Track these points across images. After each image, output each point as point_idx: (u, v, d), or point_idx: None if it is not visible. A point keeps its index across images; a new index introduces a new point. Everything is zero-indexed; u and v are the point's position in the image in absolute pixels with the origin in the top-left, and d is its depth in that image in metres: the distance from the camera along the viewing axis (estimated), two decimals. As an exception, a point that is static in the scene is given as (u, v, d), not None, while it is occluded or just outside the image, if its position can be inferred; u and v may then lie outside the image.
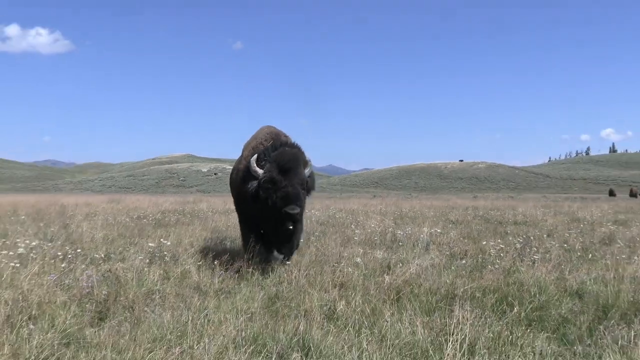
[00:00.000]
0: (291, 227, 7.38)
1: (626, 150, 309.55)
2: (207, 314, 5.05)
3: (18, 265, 6.48)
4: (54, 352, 3.84)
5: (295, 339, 4.43)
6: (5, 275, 5.85)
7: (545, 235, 12.64)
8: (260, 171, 7.49)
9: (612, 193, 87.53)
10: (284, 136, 8.60)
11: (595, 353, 4.29)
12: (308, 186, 7.78)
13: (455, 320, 4.36)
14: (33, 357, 3.72)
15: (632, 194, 72.53)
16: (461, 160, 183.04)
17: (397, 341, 4.39)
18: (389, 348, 4.23)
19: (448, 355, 3.70)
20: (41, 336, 4.18)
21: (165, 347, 3.95)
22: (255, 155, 7.81)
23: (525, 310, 5.34)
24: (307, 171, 7.74)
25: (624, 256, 8.89)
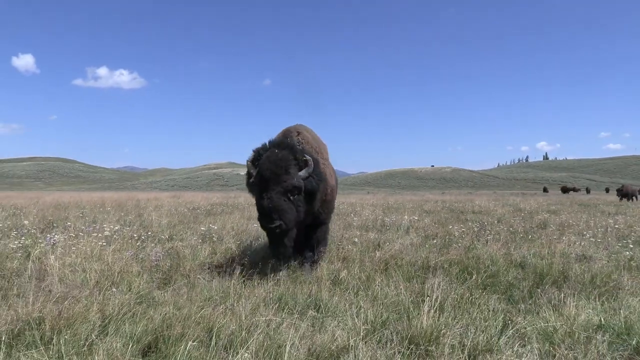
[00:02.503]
0: (280, 236, 5.21)
1: (555, 158, 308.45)
2: (244, 281, 5.05)
3: (104, 243, 6.48)
4: (130, 309, 3.83)
5: (310, 299, 4.41)
6: (95, 251, 5.85)
7: (495, 221, 12.55)
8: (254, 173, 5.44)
9: (545, 190, 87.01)
10: (297, 134, 6.12)
11: (534, 310, 4.24)
12: (308, 188, 5.32)
13: (429, 285, 4.33)
14: (115, 313, 3.71)
15: (564, 191, 72.01)
16: (432, 166, 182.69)
17: (385, 300, 4.36)
18: (379, 306, 4.20)
19: (424, 311, 3.66)
20: (121, 297, 4.18)
21: (212, 305, 3.94)
22: (252, 155, 5.58)
23: (481, 278, 5.28)
24: (303, 173, 5.25)
25: (555, 237, 8.80)
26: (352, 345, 3.22)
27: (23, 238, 7.16)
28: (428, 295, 4.05)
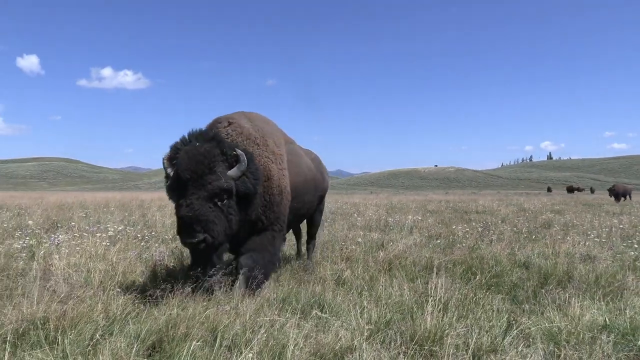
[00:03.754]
0: (206, 254, 4.29)
1: (560, 158, 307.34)
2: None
3: (108, 244, 6.51)
4: (134, 309, 3.84)
5: (314, 299, 4.41)
6: (99, 251, 5.86)
7: (499, 221, 12.53)
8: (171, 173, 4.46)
9: (549, 190, 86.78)
10: (229, 124, 5.04)
11: (539, 310, 4.23)
12: (241, 190, 4.37)
13: (432, 285, 4.32)
14: (119, 312, 3.72)
15: (569, 190, 71.76)
16: (436, 166, 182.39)
17: (389, 301, 4.36)
18: (383, 306, 4.20)
19: (428, 311, 3.66)
20: (125, 297, 4.20)
21: (217, 305, 3.95)
22: (169, 152, 4.54)
23: (485, 278, 5.28)
24: (234, 171, 4.29)
25: (559, 237, 8.79)
26: (356, 346, 3.22)
27: (27, 238, 7.19)
28: (432, 296, 4.04)
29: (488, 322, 3.78)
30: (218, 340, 3.20)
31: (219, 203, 4.19)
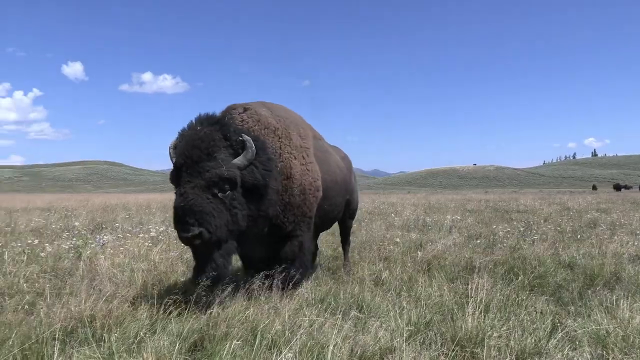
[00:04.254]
0: (204, 250, 3.87)
1: (605, 154, 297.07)
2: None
3: (150, 244, 6.67)
4: (176, 308, 3.92)
5: (352, 299, 4.40)
6: (142, 251, 6.02)
7: (542, 221, 12.20)
8: None
9: (594, 188, 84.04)
10: (244, 110, 4.62)
11: (585, 312, 4.09)
12: (248, 181, 3.93)
13: (473, 286, 4.24)
14: (162, 311, 3.81)
15: (617, 188, 69.25)
16: (475, 164, 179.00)
17: (429, 301, 4.30)
18: (423, 306, 4.15)
19: (469, 312, 3.60)
20: (167, 296, 4.29)
21: (256, 305, 3.99)
22: (175, 139, 4.15)
23: (528, 279, 5.15)
24: (240, 159, 3.88)
25: (606, 237, 8.49)
26: (395, 347, 3.20)
27: (74, 239, 7.45)
28: (472, 297, 3.97)
29: (531, 324, 3.68)
30: (258, 340, 3.24)
31: (219, 194, 3.77)
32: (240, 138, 3.97)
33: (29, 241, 7.43)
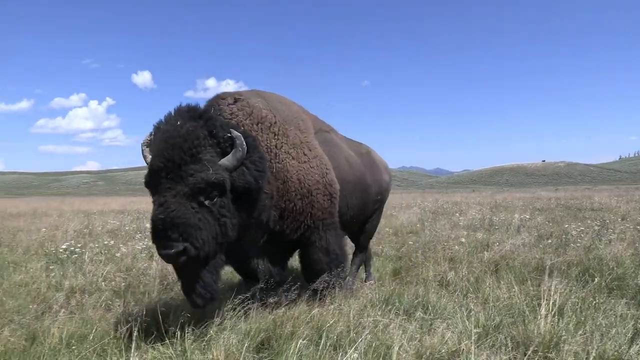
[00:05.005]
0: (190, 269, 3.32)
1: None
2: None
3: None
4: (244, 307, 3.99)
5: (417, 300, 4.34)
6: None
7: (619, 219, 11.49)
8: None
9: (678, 183, 78.12)
10: (235, 101, 4.02)
11: (671, 317, 3.81)
12: (239, 185, 3.38)
13: (545, 288, 4.05)
14: (230, 310, 3.88)
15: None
16: (543, 161, 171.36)
17: (497, 303, 4.16)
18: (491, 308, 4.03)
19: (541, 315, 3.45)
20: (235, 296, 4.37)
21: (320, 305, 4.01)
22: (147, 136, 3.61)
23: (605, 281, 4.86)
24: (228, 160, 3.32)
25: (692, 236, 7.87)
26: (463, 349, 3.11)
27: (146, 240, 7.80)
28: (545, 299, 3.79)
29: (611, 329, 3.47)
30: (323, 339, 3.25)
31: (206, 202, 3.23)
32: (229, 134, 3.38)
33: (106, 242, 7.87)
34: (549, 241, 7.71)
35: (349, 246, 5.23)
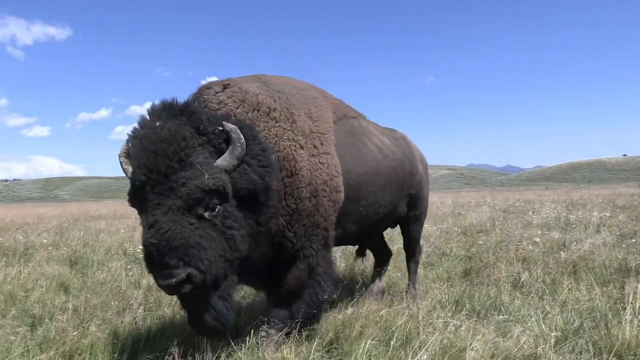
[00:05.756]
0: (198, 297, 2.85)
1: None
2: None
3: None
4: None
5: (489, 302, 4.21)
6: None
7: None
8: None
9: None
10: (224, 87, 3.43)
11: None
12: (242, 186, 2.86)
13: (631, 290, 3.80)
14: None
15: None
16: (625, 155, 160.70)
17: (577, 306, 3.95)
18: (569, 312, 3.83)
19: (626, 320, 3.24)
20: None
21: (389, 305, 3.99)
22: (125, 145, 2.99)
23: (698, 283, 4.49)
24: (225, 159, 2.81)
25: None
26: (540, 354, 2.99)
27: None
28: (630, 302, 3.56)
29: None
30: (393, 340, 3.23)
31: (206, 214, 2.72)
32: (220, 128, 2.86)
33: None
34: (633, 240, 7.23)
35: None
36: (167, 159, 2.64)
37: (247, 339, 3.25)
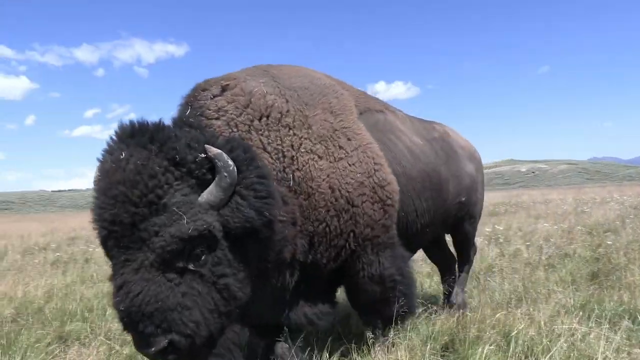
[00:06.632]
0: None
1: None
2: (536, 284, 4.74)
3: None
4: (425, 309, 3.98)
5: (621, 308, 3.87)
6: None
7: None
8: None
9: None
10: (223, 89, 2.85)
11: None
12: (235, 225, 2.30)
13: None
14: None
15: None
16: None
17: None
18: None
19: None
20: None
21: (506, 310, 3.81)
22: (96, 173, 2.39)
23: None
24: (211, 193, 2.27)
25: None
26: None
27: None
28: None
29: None
30: (512, 346, 3.08)
31: (190, 266, 2.24)
32: (204, 155, 2.30)
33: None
34: None
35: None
36: (131, 205, 2.15)
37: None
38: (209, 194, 2.24)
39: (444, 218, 3.99)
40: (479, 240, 7.64)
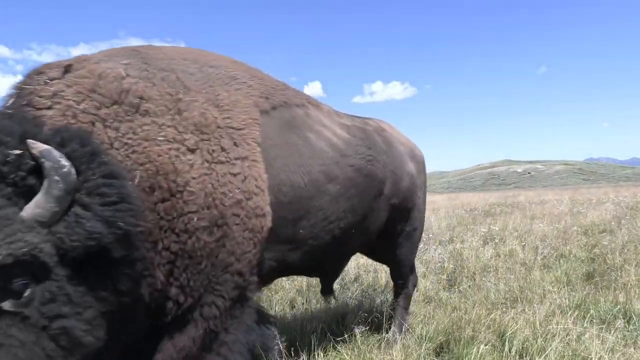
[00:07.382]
0: None
1: None
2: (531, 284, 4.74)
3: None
4: (419, 309, 3.98)
5: (616, 308, 3.87)
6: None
7: None
8: None
9: None
10: (63, 73, 2.05)
11: None
12: (73, 242, 1.60)
13: None
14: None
15: None
16: None
17: None
18: None
19: None
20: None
21: (502, 309, 3.80)
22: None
23: None
24: (38, 202, 1.57)
25: None
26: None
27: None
28: None
29: None
30: (507, 346, 3.08)
31: (4, 305, 1.55)
32: (24, 152, 1.66)
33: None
34: None
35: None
36: None
37: None
38: (35, 206, 1.60)
39: (373, 221, 3.31)
40: (474, 239, 7.64)
